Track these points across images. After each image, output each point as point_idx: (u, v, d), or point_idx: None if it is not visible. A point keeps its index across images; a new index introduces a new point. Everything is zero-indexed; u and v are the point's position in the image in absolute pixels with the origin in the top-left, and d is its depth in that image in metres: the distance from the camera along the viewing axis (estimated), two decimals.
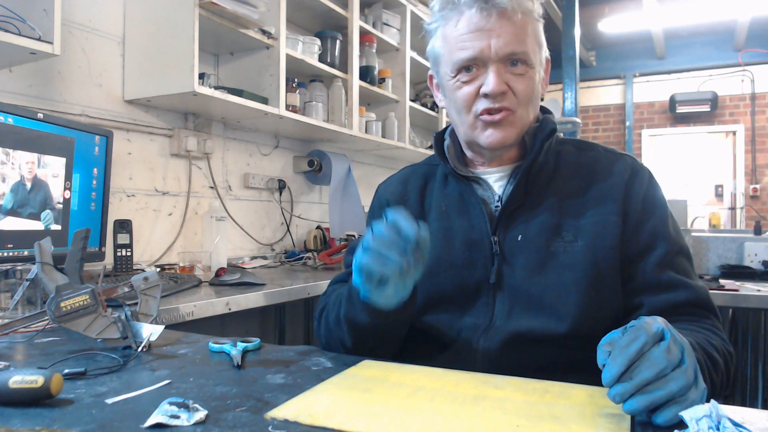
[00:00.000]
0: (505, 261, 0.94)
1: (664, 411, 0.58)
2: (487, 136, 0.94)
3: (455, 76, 0.94)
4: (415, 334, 0.98)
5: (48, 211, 1.47)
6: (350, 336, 0.91)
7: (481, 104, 0.93)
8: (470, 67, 0.92)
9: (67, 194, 1.54)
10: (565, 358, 0.87)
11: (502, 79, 0.91)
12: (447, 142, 1.05)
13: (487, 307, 0.94)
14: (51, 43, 1.44)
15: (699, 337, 0.81)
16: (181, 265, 1.99)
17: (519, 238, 0.94)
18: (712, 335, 0.85)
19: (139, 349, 0.87)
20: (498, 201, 0.98)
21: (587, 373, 0.76)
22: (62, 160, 1.51)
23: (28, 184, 1.41)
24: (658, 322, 0.61)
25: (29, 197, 1.41)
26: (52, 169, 1.48)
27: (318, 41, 2.58)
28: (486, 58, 0.90)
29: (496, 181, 1.00)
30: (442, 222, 1.01)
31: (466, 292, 0.95)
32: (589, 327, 0.87)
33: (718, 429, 0.52)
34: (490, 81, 0.90)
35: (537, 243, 0.92)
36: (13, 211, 1.37)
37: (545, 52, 0.98)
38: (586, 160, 0.99)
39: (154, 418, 0.58)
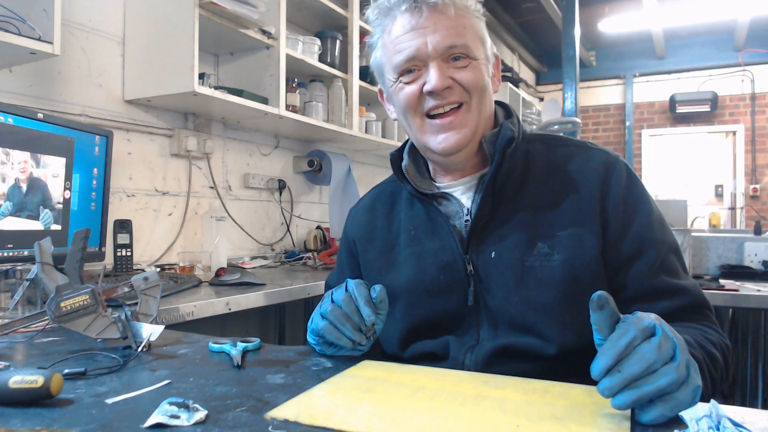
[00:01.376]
0: (481, 281, 0.90)
1: (650, 409, 0.57)
2: (440, 142, 0.90)
3: (398, 80, 0.92)
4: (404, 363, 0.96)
5: (47, 210, 1.47)
6: None
7: (427, 103, 0.90)
8: (411, 69, 0.90)
9: (67, 194, 1.54)
10: (557, 372, 0.83)
11: (445, 74, 0.87)
12: (405, 162, 1.00)
13: (472, 329, 0.91)
14: (51, 43, 1.44)
15: (697, 335, 0.80)
16: (181, 265, 1.99)
17: (492, 255, 0.89)
18: (710, 331, 0.84)
19: (139, 349, 0.87)
20: (467, 214, 0.94)
21: (581, 381, 0.76)
22: (62, 160, 1.51)
23: (24, 185, 1.40)
24: (650, 318, 0.60)
25: (26, 197, 1.41)
26: (52, 169, 1.48)
27: (318, 41, 2.58)
28: (425, 56, 0.88)
29: (462, 193, 0.95)
30: (414, 247, 0.97)
31: (448, 318, 0.92)
32: (578, 343, 0.84)
33: (718, 429, 0.52)
34: (431, 77, 0.87)
35: (511, 259, 0.88)
36: (10, 211, 1.37)
37: (491, 49, 0.95)
38: (556, 158, 0.94)
39: (154, 418, 0.58)
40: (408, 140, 1.03)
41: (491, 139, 0.92)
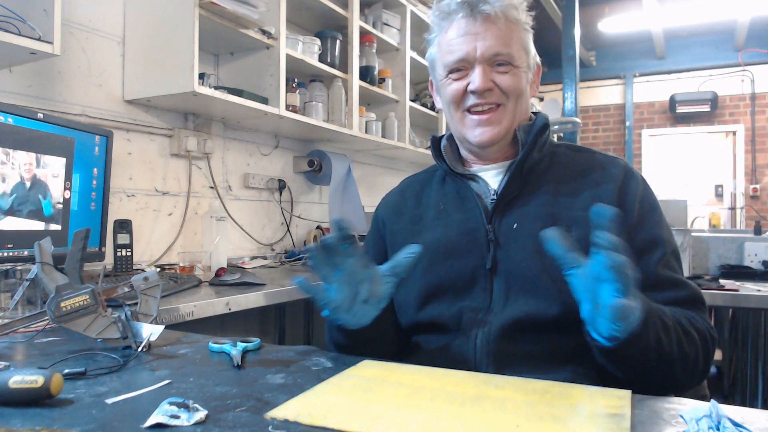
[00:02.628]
0: (501, 247, 0.97)
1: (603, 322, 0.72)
2: (476, 135, 1.01)
3: (447, 76, 1.03)
4: (418, 326, 1.00)
5: (48, 204, 1.47)
6: (344, 349, 0.95)
7: (470, 101, 1.01)
8: (460, 68, 1.00)
9: (67, 194, 1.54)
10: (561, 346, 0.89)
11: (488, 77, 0.98)
12: (444, 143, 1.10)
13: (485, 293, 0.96)
14: (51, 43, 1.44)
15: (680, 316, 0.86)
16: (181, 265, 1.99)
17: (514, 226, 0.98)
18: (698, 319, 0.89)
19: (139, 349, 0.87)
20: (494, 194, 1.02)
21: (582, 365, 0.81)
22: (62, 160, 1.51)
23: (28, 184, 1.41)
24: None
25: (29, 193, 1.41)
26: (52, 169, 1.48)
27: (318, 41, 2.58)
28: (472, 59, 0.98)
29: (492, 177, 1.05)
30: (441, 219, 1.05)
31: (464, 278, 0.98)
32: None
33: (718, 429, 0.52)
34: (475, 78, 0.98)
35: (532, 230, 0.94)
36: (12, 211, 1.38)
37: (534, 59, 1.05)
38: (580, 160, 1.04)
39: (154, 418, 0.58)
40: (448, 132, 1.14)
41: (525, 129, 1.02)
